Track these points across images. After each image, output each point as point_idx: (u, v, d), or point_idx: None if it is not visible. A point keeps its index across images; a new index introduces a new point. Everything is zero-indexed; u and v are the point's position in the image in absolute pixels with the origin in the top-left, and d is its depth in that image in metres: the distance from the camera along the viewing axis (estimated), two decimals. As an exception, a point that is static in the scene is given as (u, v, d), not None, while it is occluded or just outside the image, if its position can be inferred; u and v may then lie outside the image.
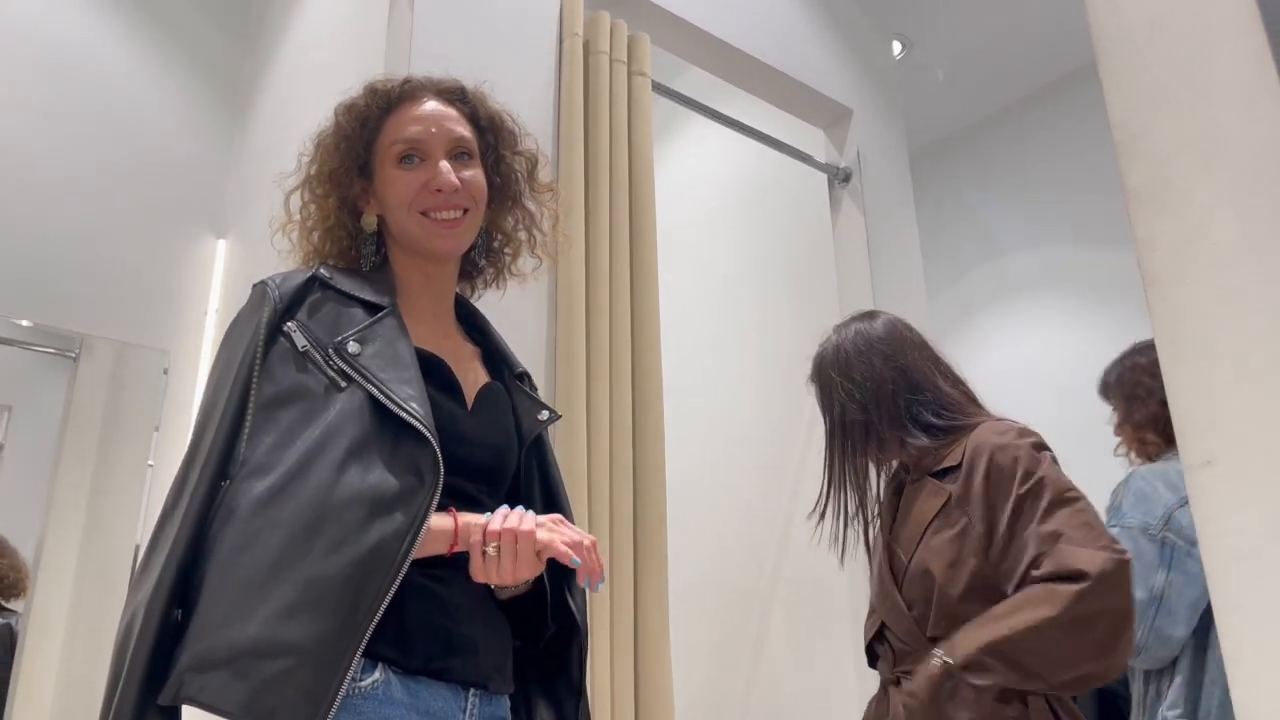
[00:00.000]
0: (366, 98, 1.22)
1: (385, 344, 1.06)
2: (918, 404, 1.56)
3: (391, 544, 0.92)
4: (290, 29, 2.67)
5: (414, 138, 1.18)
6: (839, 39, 3.14)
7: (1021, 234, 4.22)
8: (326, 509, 0.92)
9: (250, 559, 0.91)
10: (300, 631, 0.87)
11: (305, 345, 1.05)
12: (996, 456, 1.44)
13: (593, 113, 2.31)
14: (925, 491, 1.52)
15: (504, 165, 1.28)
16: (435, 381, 1.11)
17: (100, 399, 2.48)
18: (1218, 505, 0.77)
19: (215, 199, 2.76)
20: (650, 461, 2.13)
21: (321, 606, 0.88)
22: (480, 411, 1.16)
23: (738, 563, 2.93)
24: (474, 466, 1.10)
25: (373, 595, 0.90)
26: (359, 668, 0.93)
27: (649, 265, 2.30)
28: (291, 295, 1.10)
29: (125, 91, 2.69)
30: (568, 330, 2.09)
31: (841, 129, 3.09)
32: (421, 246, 1.19)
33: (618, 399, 2.14)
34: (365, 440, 0.97)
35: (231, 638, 0.89)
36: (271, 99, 2.65)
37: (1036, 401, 3.85)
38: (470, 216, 1.19)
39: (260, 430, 1.00)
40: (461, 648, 1.02)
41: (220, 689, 0.87)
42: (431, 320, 1.21)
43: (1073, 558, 1.30)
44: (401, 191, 1.17)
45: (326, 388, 1.02)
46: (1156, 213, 0.84)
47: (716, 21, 2.75)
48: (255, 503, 0.94)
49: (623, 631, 1.97)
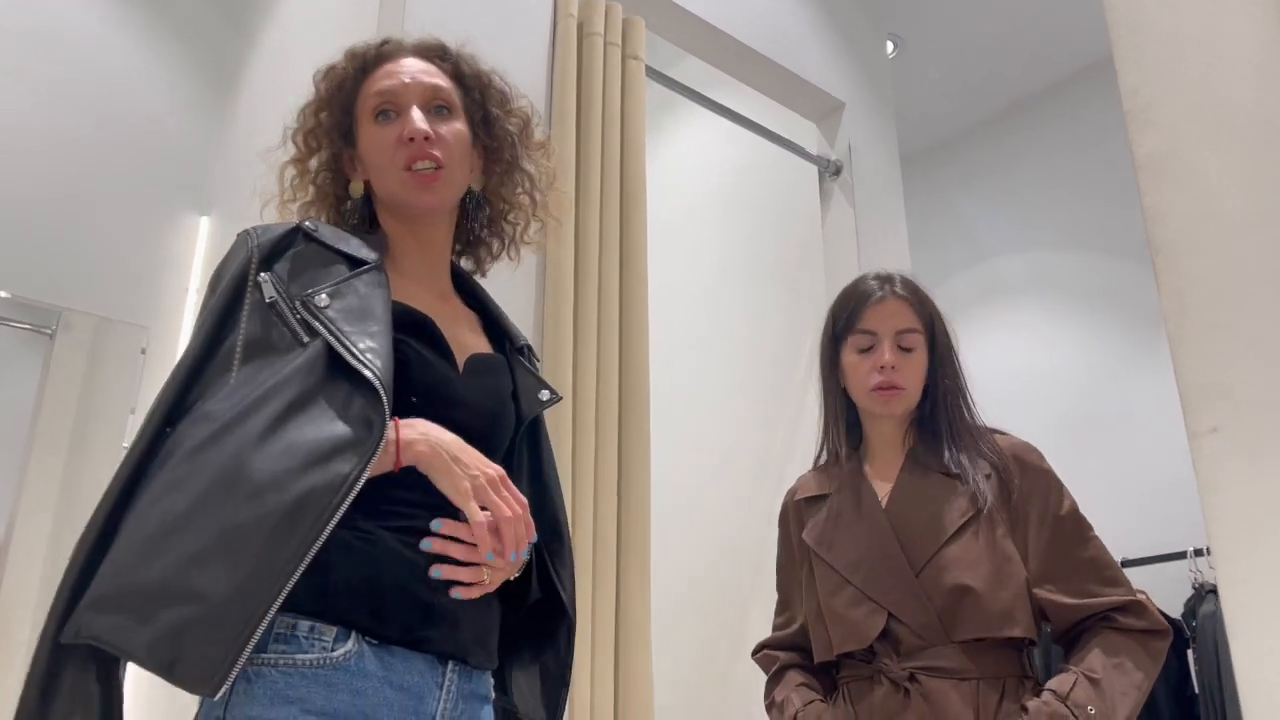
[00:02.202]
0: (344, 61, 1.20)
1: (358, 298, 1.02)
2: (961, 403, 1.59)
3: (321, 496, 0.87)
4: (280, 7, 2.64)
5: (385, 90, 1.15)
6: (834, 33, 3.14)
7: (1008, 237, 4.23)
8: (253, 458, 0.88)
9: (169, 503, 0.88)
10: (208, 580, 0.83)
11: (273, 297, 1.02)
12: (1037, 470, 1.50)
13: (585, 95, 2.29)
14: (946, 490, 1.48)
15: (496, 126, 1.23)
16: (423, 340, 1.07)
17: (77, 376, 2.44)
18: (1222, 473, 0.76)
19: (199, 176, 2.73)
20: (635, 450, 2.12)
21: (235, 555, 0.84)
22: (472, 375, 1.12)
23: (720, 556, 2.91)
24: (464, 430, 1.05)
25: (294, 548, 0.85)
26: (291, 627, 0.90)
27: (638, 251, 2.28)
28: (272, 245, 1.06)
29: (110, 66, 2.65)
30: (555, 316, 2.07)
31: (833, 122, 3.09)
32: (403, 203, 1.15)
33: (604, 387, 2.12)
34: (312, 393, 0.93)
35: (136, 579, 0.85)
36: (260, 77, 2.61)
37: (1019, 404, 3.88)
38: (447, 173, 1.14)
39: (216, 380, 0.98)
40: (441, 619, 0.98)
41: (118, 629, 0.84)
42: (427, 281, 1.18)
43: (1157, 616, 1.42)
44: (380, 148, 1.14)
45: (289, 341, 0.98)
46: (1165, 182, 0.83)
47: (712, 9, 2.74)
48: (187, 450, 0.91)
49: (604, 621, 1.95)
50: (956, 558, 1.42)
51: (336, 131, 1.19)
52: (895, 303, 1.58)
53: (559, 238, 2.13)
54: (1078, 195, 3.95)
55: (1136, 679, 1.37)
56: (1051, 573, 1.44)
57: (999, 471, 1.49)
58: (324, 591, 0.92)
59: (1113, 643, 1.40)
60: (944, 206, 4.45)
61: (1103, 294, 3.83)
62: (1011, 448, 1.52)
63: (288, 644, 0.90)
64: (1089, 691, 1.35)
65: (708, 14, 2.73)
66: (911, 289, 1.61)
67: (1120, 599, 1.42)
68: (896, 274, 1.63)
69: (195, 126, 2.75)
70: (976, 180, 4.41)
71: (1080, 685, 1.36)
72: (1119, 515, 3.15)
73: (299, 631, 0.91)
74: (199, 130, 2.76)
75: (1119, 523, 3.16)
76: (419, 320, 1.08)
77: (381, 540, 0.96)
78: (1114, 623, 1.41)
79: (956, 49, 4.03)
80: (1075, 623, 1.44)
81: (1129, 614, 1.41)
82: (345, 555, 0.93)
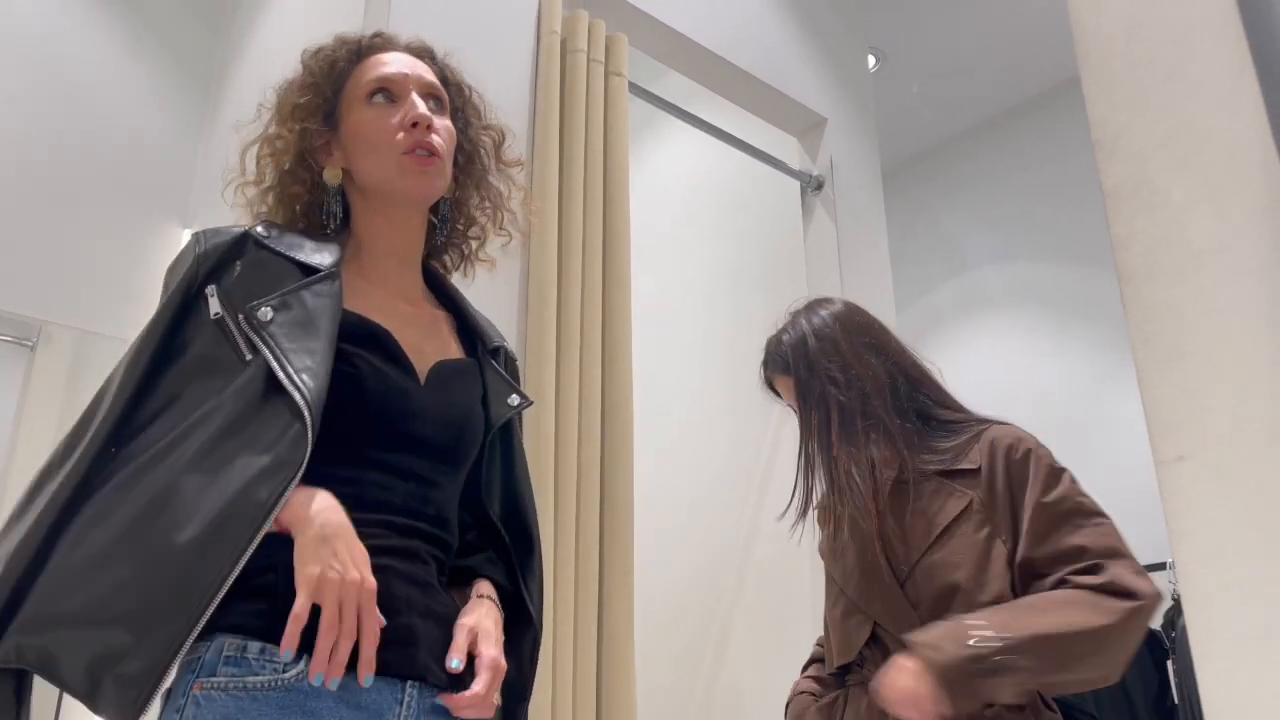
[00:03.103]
0: (335, 44, 1.18)
1: (305, 311, 0.99)
2: (920, 397, 1.52)
3: (239, 523, 0.87)
4: (264, 19, 2.64)
5: (386, 75, 1.13)
6: (816, 48, 3.16)
7: (989, 248, 4.26)
8: (180, 487, 0.88)
9: (97, 534, 0.89)
10: (128, 608, 0.84)
11: (218, 312, 0.99)
12: (1024, 460, 1.42)
13: (568, 111, 2.30)
14: (939, 492, 1.45)
15: (471, 135, 1.22)
16: (379, 352, 1.04)
17: (58, 389, 2.43)
18: (1189, 501, 0.77)
19: (182, 187, 2.72)
20: (618, 463, 2.12)
21: (152, 586, 0.85)
22: (435, 385, 1.09)
23: (703, 567, 2.92)
24: (425, 443, 1.04)
25: (211, 576, 0.85)
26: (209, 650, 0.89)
27: (621, 265, 2.29)
28: (220, 253, 1.03)
29: (92, 75, 2.64)
30: (538, 330, 2.08)
31: (815, 137, 3.11)
32: (394, 188, 1.11)
33: (587, 402, 2.13)
34: (246, 417, 0.92)
35: (61, 608, 0.87)
36: (244, 86, 2.61)
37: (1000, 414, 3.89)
38: (443, 162, 1.13)
39: (156, 401, 0.97)
40: (397, 640, 0.96)
41: (45, 656, 0.86)
42: (395, 282, 1.14)
43: (1125, 578, 1.30)
44: (377, 131, 1.11)
45: (232, 360, 0.96)
46: (1133, 210, 0.84)
47: (695, 26, 2.76)
48: (118, 480, 0.91)
49: (586, 634, 1.96)
50: (943, 560, 1.40)
51: (320, 113, 1.15)
52: (781, 381, 1.59)
53: (542, 252, 2.13)
54: (1058, 208, 3.99)
55: (1066, 617, 1.27)
56: (1036, 561, 1.37)
57: (985, 466, 1.44)
58: (272, 614, 0.90)
59: (1051, 593, 1.32)
60: (925, 219, 4.48)
61: (1082, 306, 3.86)
62: (997, 439, 1.46)
63: (238, 666, 0.89)
64: (989, 615, 1.29)
65: (690, 30, 2.74)
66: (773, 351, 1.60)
67: (1084, 564, 1.33)
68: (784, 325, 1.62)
69: (178, 136, 2.75)
70: (958, 193, 4.45)
71: (982, 612, 1.31)
72: (1099, 527, 3.19)
73: (249, 654, 0.90)
74: (182, 140, 2.75)
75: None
76: (374, 332, 1.05)
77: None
78: (1069, 582, 1.33)
79: (939, 62, 4.06)
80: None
81: (1089, 574, 1.32)
82: (292, 577, 0.91)
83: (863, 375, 1.49)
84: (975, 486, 1.43)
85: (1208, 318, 0.80)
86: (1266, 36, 0.83)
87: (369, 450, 1.02)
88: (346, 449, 1.00)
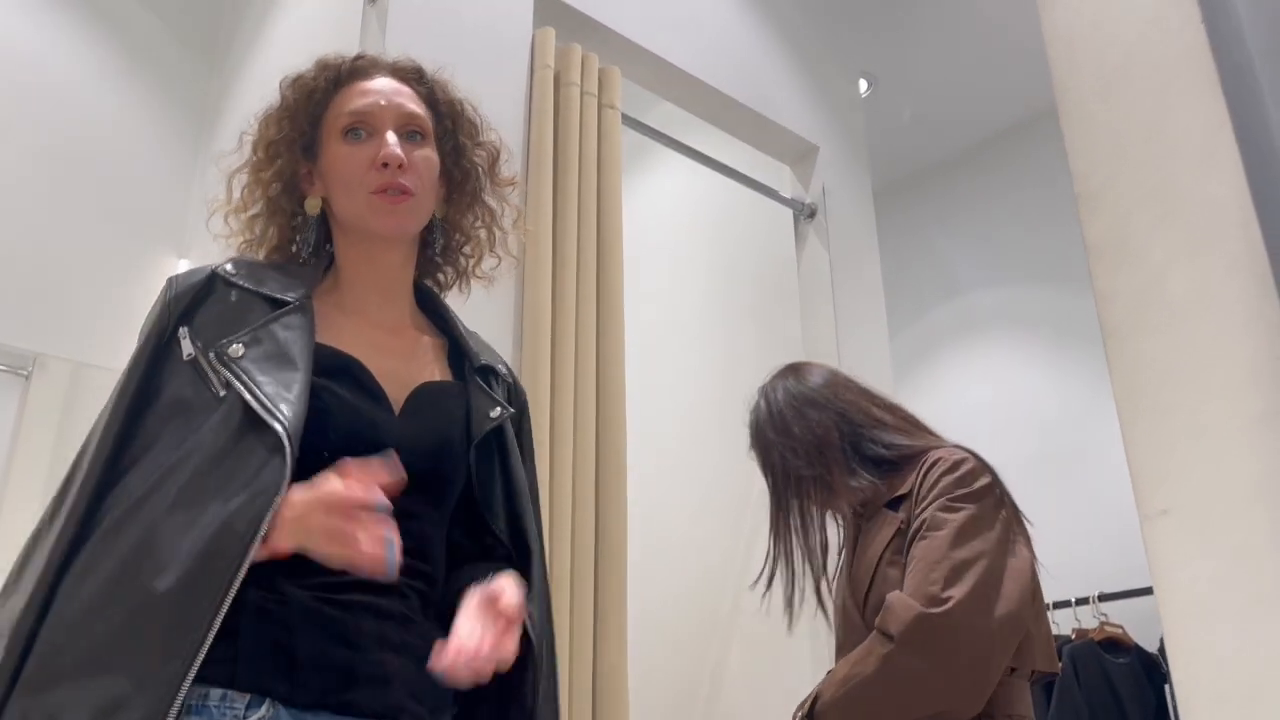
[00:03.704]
0: (315, 71, 1.15)
1: (276, 344, 0.99)
2: (863, 441, 1.56)
3: (220, 562, 0.86)
4: (259, 49, 2.66)
5: (360, 110, 1.10)
6: (806, 77, 3.19)
7: (983, 272, 4.28)
8: (160, 533, 0.88)
9: (88, 584, 0.89)
10: (125, 656, 0.84)
11: (191, 353, 0.98)
12: (933, 473, 1.47)
13: (562, 144, 2.32)
14: (880, 524, 1.52)
15: (464, 157, 1.20)
16: (349, 384, 1.03)
17: (52, 420, 2.43)
18: (1173, 555, 0.78)
19: (177, 218, 2.73)
20: (612, 488, 2.13)
21: (143, 634, 0.85)
22: (411, 413, 1.06)
23: (697, 595, 2.92)
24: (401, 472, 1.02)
25: (199, 616, 0.85)
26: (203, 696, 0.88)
27: (615, 295, 2.31)
28: (191, 295, 1.03)
29: (87, 106, 2.66)
30: (533, 360, 2.09)
31: (807, 165, 3.13)
32: (366, 226, 1.10)
33: (581, 429, 2.13)
34: (224, 453, 0.92)
35: (61, 664, 0.86)
36: (238, 117, 2.62)
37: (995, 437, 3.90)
38: (417, 200, 1.10)
39: (136, 448, 0.96)
40: (366, 678, 0.94)
41: (52, 714, 0.85)
42: (375, 313, 1.13)
43: (889, 618, 1.35)
44: (349, 169, 1.09)
45: (207, 401, 0.96)
46: (1115, 266, 0.85)
47: (687, 57, 2.78)
48: (104, 528, 0.92)
49: (581, 659, 1.96)
50: (882, 591, 1.45)
51: (299, 144, 1.13)
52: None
53: (537, 281, 2.15)
54: (1052, 230, 4.00)
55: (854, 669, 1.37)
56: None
57: (914, 489, 1.49)
58: (234, 659, 0.89)
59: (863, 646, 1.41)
60: (918, 241, 4.50)
61: (1076, 329, 3.87)
62: (930, 459, 1.51)
63: (199, 714, 0.88)
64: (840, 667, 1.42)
65: (682, 61, 2.76)
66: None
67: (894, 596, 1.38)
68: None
69: (173, 167, 2.76)
70: (950, 216, 4.47)
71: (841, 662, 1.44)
72: (1095, 549, 3.19)
73: (210, 701, 0.89)
74: (177, 171, 2.76)
75: (1094, 556, 3.20)
76: (345, 364, 1.04)
77: (295, 601, 0.93)
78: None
79: (930, 86, 4.09)
80: None
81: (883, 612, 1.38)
82: (255, 620, 0.91)
83: (807, 441, 1.57)
84: (905, 509, 1.48)
85: (1189, 373, 0.81)
86: (1244, 94, 0.85)
87: None
88: None
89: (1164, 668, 3.02)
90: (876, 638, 1.37)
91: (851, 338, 2.86)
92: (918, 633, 1.31)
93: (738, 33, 3.00)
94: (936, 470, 1.47)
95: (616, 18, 2.63)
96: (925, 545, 1.38)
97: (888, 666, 1.33)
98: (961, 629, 1.30)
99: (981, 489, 1.43)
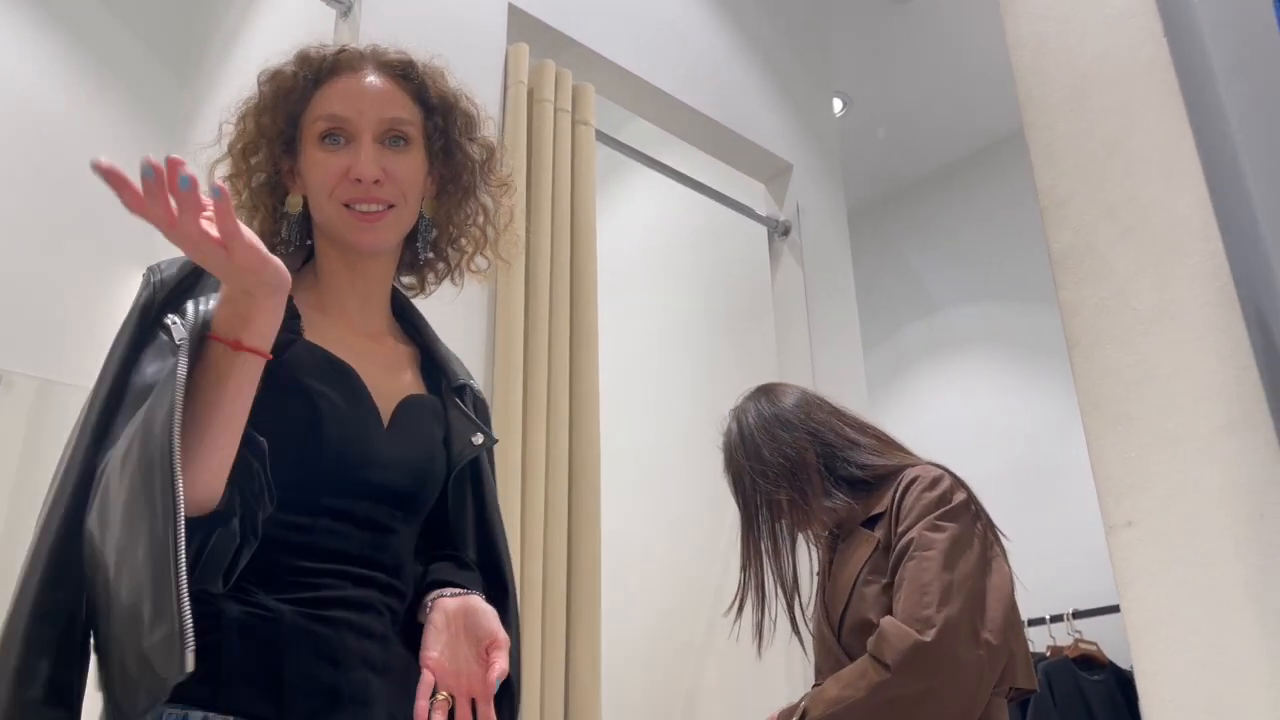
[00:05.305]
0: (295, 65, 1.09)
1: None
2: (837, 462, 1.56)
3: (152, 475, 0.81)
4: (231, 63, 2.64)
5: (337, 115, 1.05)
6: (781, 95, 3.20)
7: (956, 290, 4.31)
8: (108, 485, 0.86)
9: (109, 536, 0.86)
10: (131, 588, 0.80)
11: (184, 338, 0.91)
12: (911, 491, 1.47)
13: (536, 160, 2.32)
14: (856, 542, 1.52)
15: (457, 154, 1.13)
16: (345, 393, 1.00)
17: (18, 438, 2.39)
18: (1138, 566, 0.78)
19: (146, 234, 2.69)
20: (586, 508, 2.12)
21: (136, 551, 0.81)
22: (399, 427, 1.04)
23: (672, 615, 2.90)
24: (385, 490, 1.00)
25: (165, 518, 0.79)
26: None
27: (589, 312, 2.30)
28: (176, 282, 1.00)
29: (58, 123, 2.63)
30: (505, 377, 2.08)
31: (781, 183, 3.14)
32: (341, 238, 1.06)
33: (554, 448, 2.12)
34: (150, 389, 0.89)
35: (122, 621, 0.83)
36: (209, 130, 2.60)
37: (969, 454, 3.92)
38: (396, 212, 1.05)
39: (122, 417, 0.94)
40: (350, 698, 0.92)
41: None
42: (356, 317, 1.09)
43: (882, 640, 1.35)
44: (321, 177, 1.04)
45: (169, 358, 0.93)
46: (1079, 277, 0.85)
47: (661, 74, 2.79)
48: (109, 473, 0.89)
49: (553, 680, 1.94)
50: (858, 611, 1.46)
51: (278, 141, 1.09)
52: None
53: (509, 298, 2.14)
54: (1025, 248, 4.04)
55: (842, 691, 1.37)
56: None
57: (891, 507, 1.50)
58: (216, 679, 0.87)
59: (855, 663, 1.40)
60: (893, 259, 4.53)
61: (1050, 346, 3.90)
62: (906, 478, 1.51)
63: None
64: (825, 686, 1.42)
65: (657, 78, 2.77)
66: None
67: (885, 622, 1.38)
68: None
69: (143, 185, 2.73)
70: (925, 234, 4.50)
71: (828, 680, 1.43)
72: (1071, 565, 3.19)
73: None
74: (147, 188, 2.74)
75: (1071, 573, 3.20)
76: (341, 369, 1.01)
77: (282, 618, 0.90)
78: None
79: (906, 105, 4.13)
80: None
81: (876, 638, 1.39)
82: (241, 638, 0.88)
83: (779, 465, 1.57)
84: (883, 528, 1.48)
85: (1153, 383, 0.81)
86: (1206, 108, 0.86)
87: (323, 498, 0.97)
88: (302, 495, 0.96)
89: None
90: (871, 664, 1.36)
91: (826, 354, 2.87)
92: (914, 662, 1.32)
93: (713, 51, 3.01)
94: (916, 489, 1.47)
95: (590, 35, 2.64)
96: (915, 566, 1.38)
97: (881, 696, 1.33)
98: (954, 656, 1.32)
99: (959, 506, 1.44)
